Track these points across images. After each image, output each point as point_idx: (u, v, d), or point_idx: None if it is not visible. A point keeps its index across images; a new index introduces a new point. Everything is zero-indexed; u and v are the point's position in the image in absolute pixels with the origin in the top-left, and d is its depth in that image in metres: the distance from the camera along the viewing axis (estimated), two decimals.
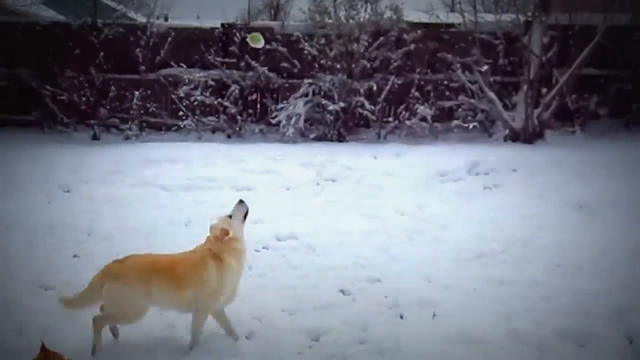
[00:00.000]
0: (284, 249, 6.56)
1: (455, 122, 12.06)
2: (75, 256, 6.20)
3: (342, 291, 5.55)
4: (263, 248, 6.60)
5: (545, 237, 6.83)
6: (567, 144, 11.36)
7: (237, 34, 12.16)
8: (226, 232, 4.42)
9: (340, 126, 11.89)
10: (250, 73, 12.11)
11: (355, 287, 5.62)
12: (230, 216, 4.61)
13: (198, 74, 11.99)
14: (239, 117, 12.06)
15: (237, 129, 12.11)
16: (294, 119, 11.57)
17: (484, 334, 4.54)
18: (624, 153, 10.47)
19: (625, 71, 12.40)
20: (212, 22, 12.98)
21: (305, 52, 11.96)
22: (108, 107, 12.04)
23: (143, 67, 12.26)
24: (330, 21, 11.91)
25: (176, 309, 4.41)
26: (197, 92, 11.97)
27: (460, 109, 12.22)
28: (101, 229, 6.91)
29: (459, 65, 11.87)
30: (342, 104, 11.60)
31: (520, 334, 4.55)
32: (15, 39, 12.08)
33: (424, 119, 11.82)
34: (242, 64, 12.16)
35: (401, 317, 5.04)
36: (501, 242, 6.71)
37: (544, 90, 11.75)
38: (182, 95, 12.04)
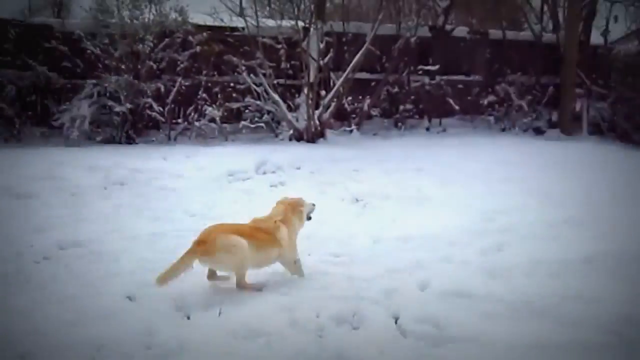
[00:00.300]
0: (67, 258, 6.35)
1: (243, 123, 12.49)
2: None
3: (128, 297, 5.57)
4: (44, 259, 6.33)
5: (326, 230, 7.36)
6: (345, 142, 12.32)
7: (12, 31, 11.36)
8: (300, 204, 5.91)
9: (129, 128, 11.71)
10: (29, 72, 11.39)
11: (141, 292, 5.62)
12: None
13: None
14: (16, 120, 11.30)
15: (15, 132, 11.34)
16: (78, 121, 11.16)
17: (267, 327, 4.76)
18: (394, 149, 11.68)
19: (392, 76, 13.82)
20: None
21: (88, 51, 11.55)
22: None
23: None
24: (114, 21, 11.62)
25: (261, 265, 5.64)
26: None
27: (247, 110, 12.68)
28: None
29: (244, 67, 12.26)
30: (129, 106, 11.41)
31: (300, 323, 4.88)
32: None
33: (212, 120, 12.05)
34: (19, 62, 11.40)
35: (188, 317, 5.17)
36: None
37: (323, 92, 12.62)
38: None
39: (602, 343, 4.33)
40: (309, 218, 6.05)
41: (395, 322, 4.81)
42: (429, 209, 8.22)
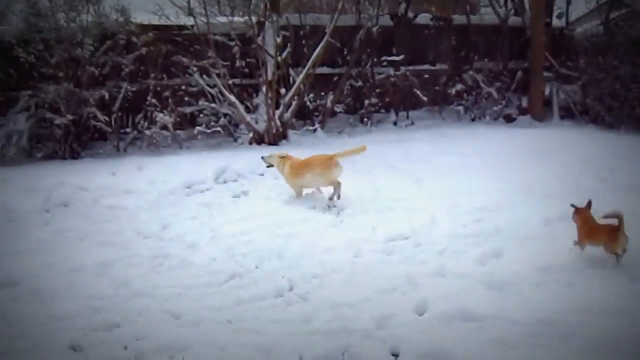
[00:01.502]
0: None
1: (198, 128, 11.65)
2: None
3: (72, 347, 4.68)
4: None
5: (298, 245, 6.58)
6: (309, 143, 11.55)
7: None
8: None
9: (72, 141, 10.69)
10: None
11: (89, 339, 4.76)
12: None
13: None
14: None
15: None
16: (15, 138, 10.10)
17: None
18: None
19: (355, 69, 13.08)
20: None
21: (22, 59, 10.46)
22: None
23: None
24: (48, 24, 10.55)
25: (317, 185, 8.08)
26: None
27: (202, 115, 11.88)
28: None
29: (195, 68, 11.41)
30: (70, 117, 10.40)
31: None
32: None
33: (164, 127, 11.13)
34: None
35: None
36: (254, 257, 6.31)
37: (283, 90, 11.83)
38: None
39: None
40: None
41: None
42: (409, 212, 7.46)
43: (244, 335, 4.70)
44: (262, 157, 8.46)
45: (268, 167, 8.55)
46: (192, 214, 7.87)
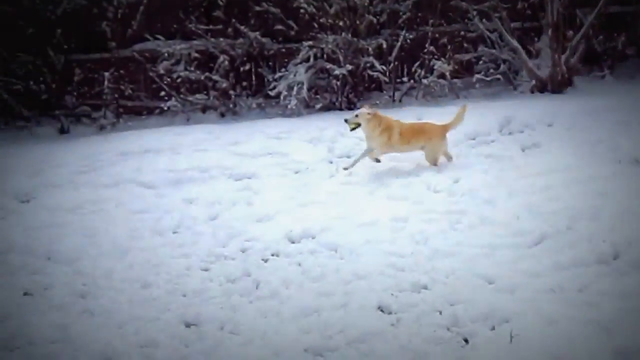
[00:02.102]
0: (299, 255, 5.19)
1: (477, 76, 10.73)
2: (26, 294, 4.77)
3: (380, 308, 4.22)
4: (272, 255, 5.23)
5: (611, 204, 5.47)
6: (599, 90, 10.05)
7: None
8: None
9: (349, 92, 10.46)
10: (240, 40, 10.53)
11: (397, 300, 4.31)
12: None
13: (179, 46, 10.30)
14: (231, 92, 10.53)
15: (231, 105, 10.61)
16: (295, 89, 10.09)
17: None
18: None
19: None
20: None
21: (302, 11, 10.41)
22: (75, 93, 10.31)
23: (113, 43, 10.51)
24: None
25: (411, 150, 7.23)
26: (180, 67, 10.30)
27: (480, 62, 10.92)
28: (64, 249, 5.46)
29: (475, 12, 10.51)
30: (349, 67, 10.14)
31: None
32: None
33: (442, 75, 10.42)
34: (230, 30, 10.55)
35: (466, 341, 3.78)
36: (563, 216, 5.37)
37: (569, 33, 10.48)
38: (162, 72, 10.34)
39: None
40: None
41: None
42: None
43: (575, 308, 3.96)
44: (346, 120, 7.24)
45: (353, 129, 7.26)
46: (481, 167, 7.09)
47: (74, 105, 10.39)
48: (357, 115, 7.11)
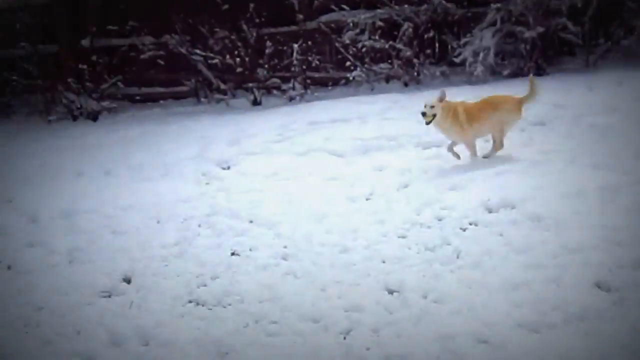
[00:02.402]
0: (499, 223, 4.91)
1: None
2: (233, 254, 5.03)
3: (598, 285, 3.88)
4: (471, 224, 5.01)
5: None
6: None
7: None
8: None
9: (538, 57, 9.78)
10: (424, 6, 10.26)
11: (616, 277, 3.91)
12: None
13: (363, 15, 10.33)
14: (415, 61, 10.35)
15: (415, 74, 10.43)
16: (481, 55, 9.71)
17: None
18: None
19: None
20: None
21: None
22: (266, 66, 10.71)
23: (300, 16, 10.77)
24: None
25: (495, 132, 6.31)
26: (365, 37, 10.33)
27: None
28: (264, 213, 5.68)
29: None
30: (539, 29, 9.48)
31: None
32: None
33: None
34: None
35: None
36: None
37: None
38: (347, 42, 10.47)
39: None
40: None
41: None
42: None
43: None
44: (423, 113, 6.05)
45: (428, 123, 6.14)
46: None
47: (265, 78, 10.79)
48: (433, 106, 6.07)
